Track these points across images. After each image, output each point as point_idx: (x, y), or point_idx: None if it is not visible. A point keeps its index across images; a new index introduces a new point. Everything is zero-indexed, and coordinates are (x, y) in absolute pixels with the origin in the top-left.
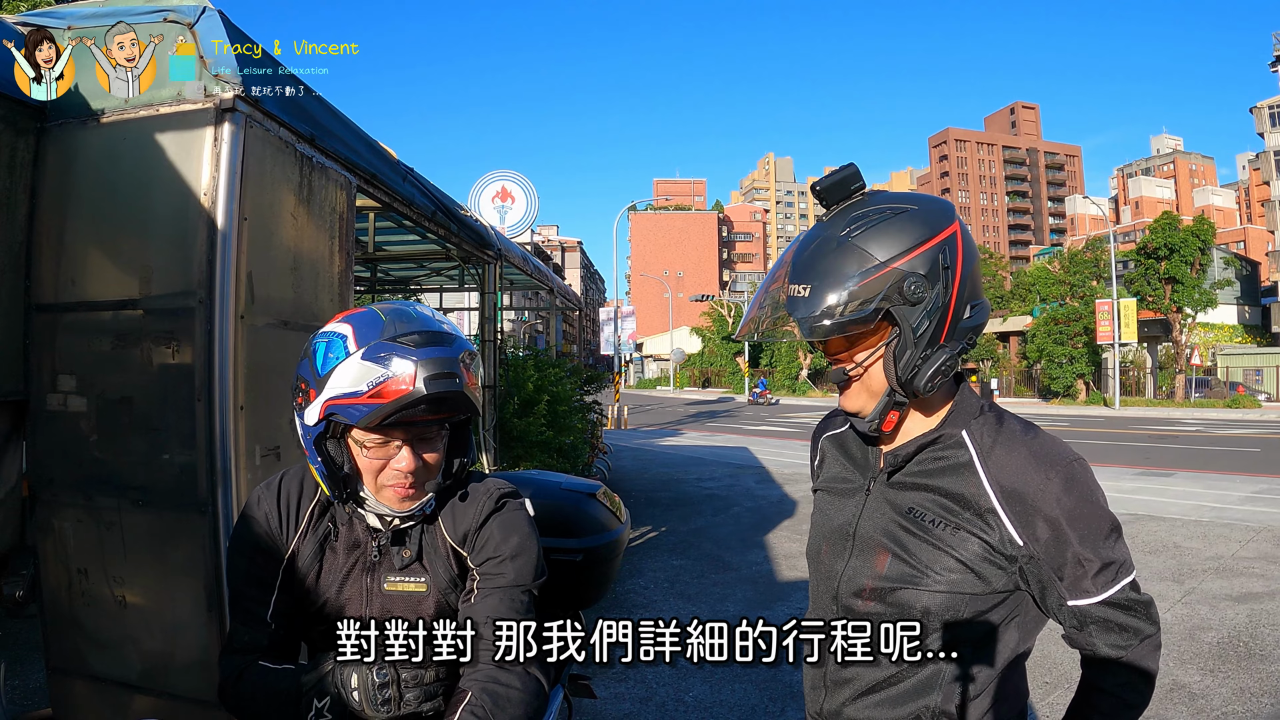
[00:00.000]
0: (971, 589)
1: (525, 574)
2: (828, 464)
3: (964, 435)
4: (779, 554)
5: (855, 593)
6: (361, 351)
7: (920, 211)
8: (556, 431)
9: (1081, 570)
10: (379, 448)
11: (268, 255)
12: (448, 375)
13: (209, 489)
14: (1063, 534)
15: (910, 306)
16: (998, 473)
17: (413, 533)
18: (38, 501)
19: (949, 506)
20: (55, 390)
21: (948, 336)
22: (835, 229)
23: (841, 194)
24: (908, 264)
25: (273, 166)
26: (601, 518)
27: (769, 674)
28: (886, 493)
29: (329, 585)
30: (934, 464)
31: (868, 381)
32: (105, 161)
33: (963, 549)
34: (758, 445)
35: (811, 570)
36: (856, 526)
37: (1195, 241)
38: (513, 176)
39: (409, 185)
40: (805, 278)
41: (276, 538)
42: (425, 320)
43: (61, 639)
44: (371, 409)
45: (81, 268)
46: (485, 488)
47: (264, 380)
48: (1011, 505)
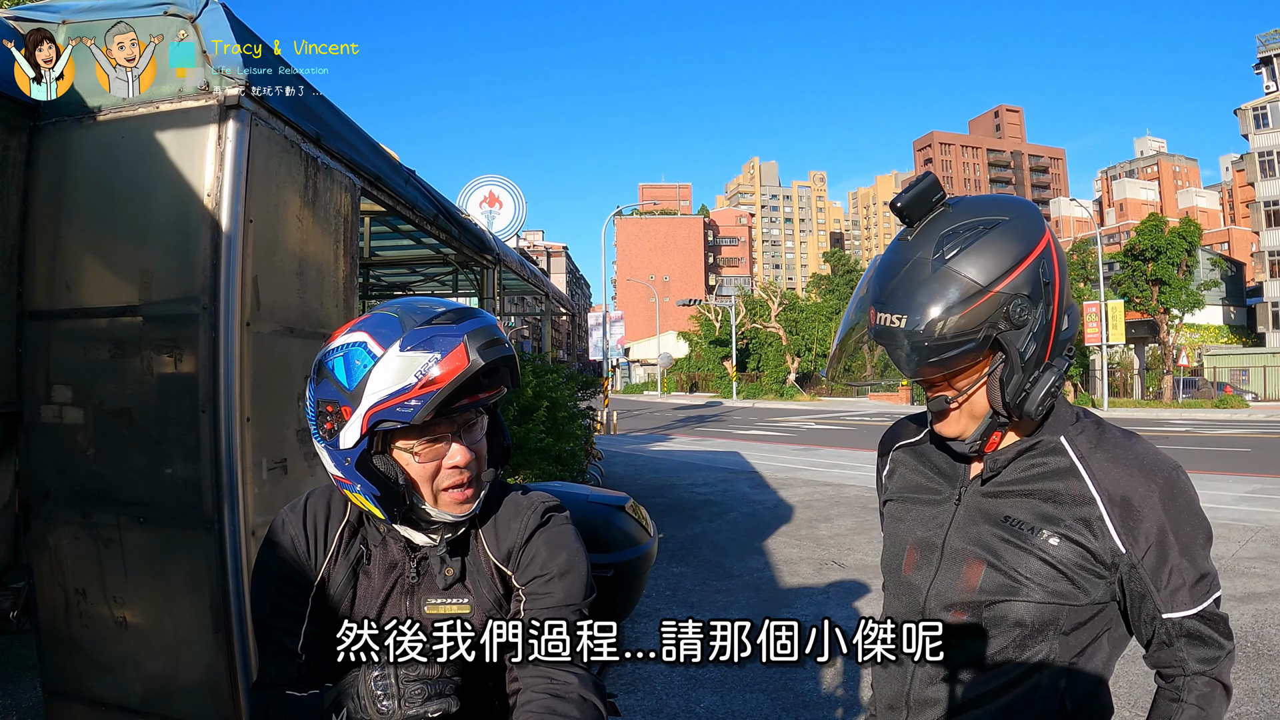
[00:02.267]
0: (1071, 599)
1: (575, 592)
2: (900, 474)
3: (1062, 441)
4: (779, 560)
5: (946, 606)
6: (396, 346)
7: (1014, 222)
8: (556, 438)
9: (1180, 581)
10: (429, 448)
11: (273, 259)
12: (497, 341)
13: (214, 504)
14: (1166, 542)
15: (1016, 330)
16: (1103, 478)
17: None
18: (32, 517)
19: (1050, 513)
20: (50, 401)
21: (1051, 354)
22: (925, 250)
23: (924, 209)
24: (1010, 285)
25: (278, 167)
26: (631, 531)
27: (781, 683)
28: (980, 502)
29: (365, 611)
30: (1033, 470)
31: (969, 407)
32: (102, 161)
33: (1063, 556)
34: (749, 450)
35: (890, 585)
36: (946, 537)
37: (1181, 243)
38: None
39: (412, 188)
40: (898, 306)
41: (304, 564)
42: (440, 301)
43: (58, 661)
44: (428, 398)
45: (77, 272)
46: (529, 501)
47: (270, 390)
48: (1118, 511)
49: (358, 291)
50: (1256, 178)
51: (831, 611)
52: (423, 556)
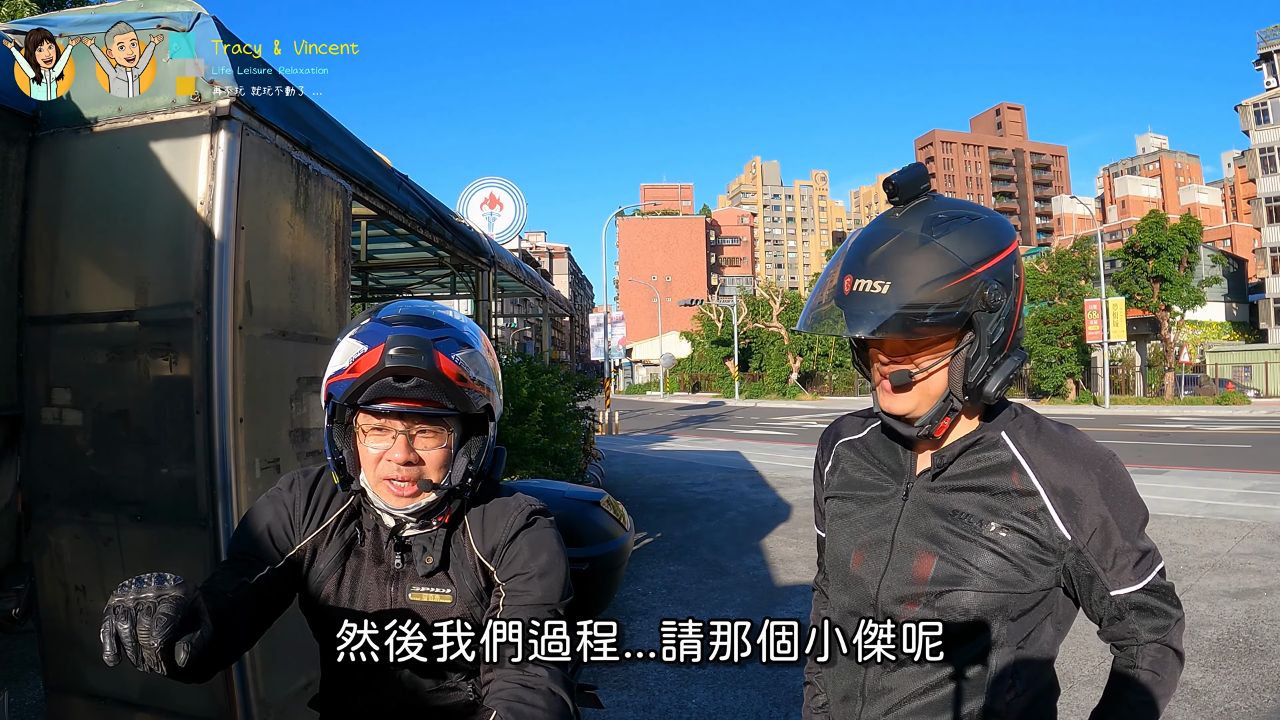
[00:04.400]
0: (1018, 587)
1: (552, 592)
2: (843, 470)
3: (1004, 436)
4: (775, 558)
5: (898, 600)
6: (353, 330)
7: (991, 221)
8: (552, 439)
9: (1125, 561)
10: (376, 435)
11: (265, 265)
12: (412, 351)
13: (209, 503)
14: (1109, 528)
15: (989, 313)
16: (1044, 471)
17: (436, 541)
18: (33, 518)
19: (996, 505)
20: (50, 404)
21: (1011, 344)
22: (912, 226)
23: (913, 192)
24: (988, 271)
25: (269, 174)
26: (606, 526)
27: (772, 679)
28: (928, 497)
29: (349, 592)
30: (978, 464)
31: (928, 385)
32: (99, 170)
33: (1010, 546)
34: (749, 449)
35: (836, 580)
36: (895, 531)
37: (1183, 240)
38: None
39: (403, 193)
40: (880, 273)
41: (292, 528)
42: (424, 308)
43: (59, 657)
44: (349, 383)
45: (75, 279)
46: (516, 502)
47: (263, 392)
48: (1060, 501)
49: (350, 295)
50: (1258, 174)
51: None
52: (406, 545)
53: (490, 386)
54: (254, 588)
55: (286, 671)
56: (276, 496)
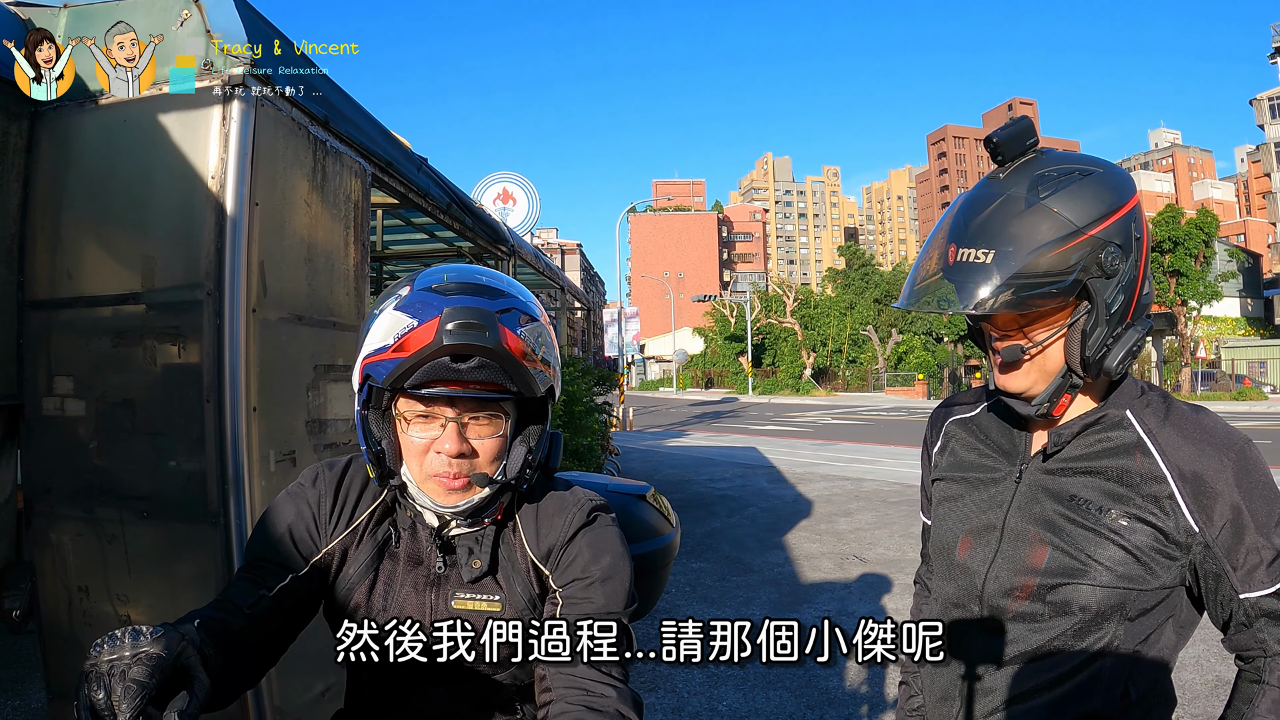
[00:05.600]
0: (1139, 584)
1: (616, 600)
2: (953, 450)
3: (1128, 415)
4: (799, 555)
5: (1006, 591)
6: (393, 302)
7: (1108, 174)
8: (573, 433)
9: (1257, 559)
10: (422, 423)
11: (280, 245)
12: (475, 327)
13: (220, 498)
14: (1241, 520)
15: (1106, 279)
16: (1173, 454)
17: (484, 541)
18: (34, 514)
19: (1118, 492)
20: (51, 393)
21: (1134, 314)
22: (1017, 188)
23: (1017, 149)
24: (1104, 232)
25: (285, 149)
26: (653, 522)
27: (804, 680)
28: (1043, 480)
29: (383, 600)
30: (1098, 445)
31: (1043, 360)
32: (104, 146)
33: (1133, 538)
34: (766, 445)
35: (940, 568)
36: (1006, 517)
37: (1199, 234)
38: (514, 178)
39: (424, 176)
40: (984, 241)
41: (318, 530)
42: (475, 272)
43: (62, 661)
44: (394, 364)
45: (78, 261)
46: (575, 497)
47: (277, 379)
48: (1189, 489)
49: (369, 279)
50: (1273, 168)
51: (855, 606)
52: (450, 546)
53: (555, 365)
54: (275, 599)
55: (303, 677)
56: (299, 493)
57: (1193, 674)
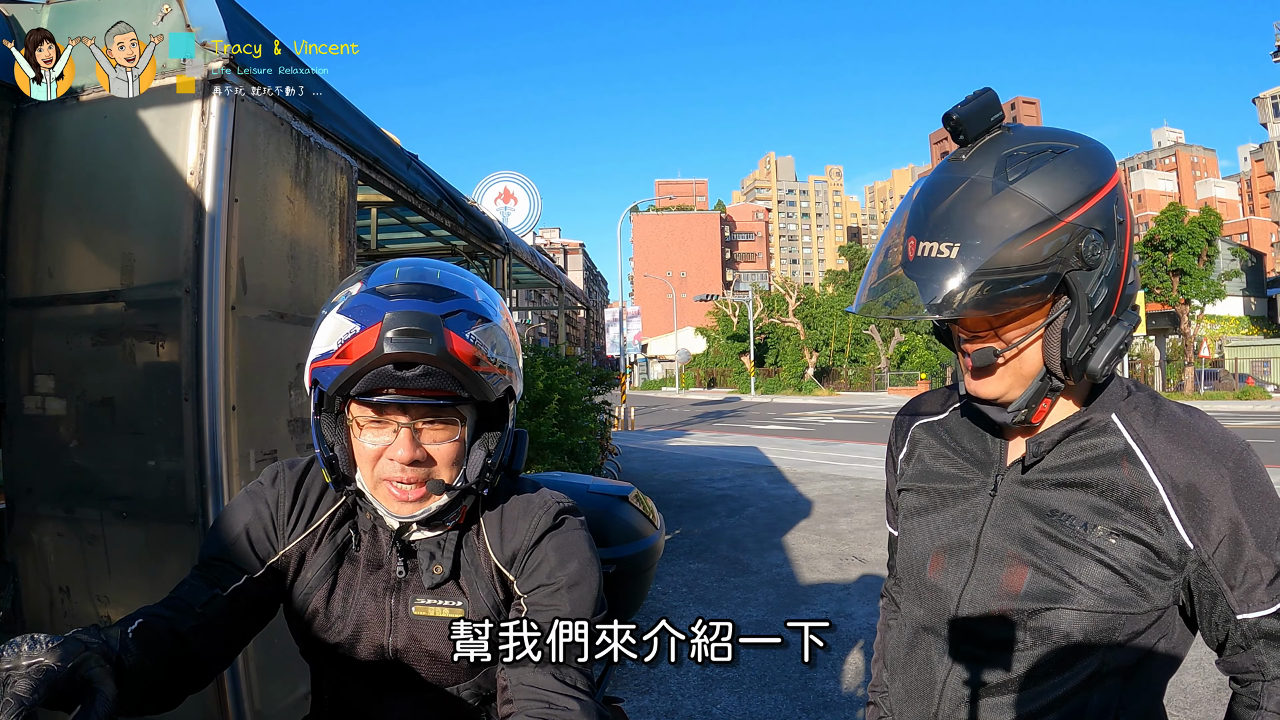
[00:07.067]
0: (1130, 607)
1: (583, 607)
2: (920, 458)
3: (1115, 419)
4: (798, 555)
5: (982, 615)
6: (345, 301)
7: (1085, 151)
8: (568, 432)
9: (1257, 577)
10: (374, 429)
11: (261, 241)
12: (417, 334)
13: (198, 498)
14: (1240, 535)
15: (1087, 271)
16: (1165, 463)
17: (446, 545)
18: (15, 514)
19: (1105, 506)
20: (33, 392)
21: (1119, 307)
22: (983, 170)
23: (981, 126)
24: (1083, 217)
25: (266, 144)
26: (635, 523)
27: (800, 683)
28: (1021, 492)
29: (341, 605)
30: (1083, 454)
31: (1019, 364)
32: (85, 142)
33: (1121, 556)
34: (767, 444)
35: (909, 587)
36: (981, 533)
37: (1202, 233)
38: (515, 178)
39: (413, 173)
40: (947, 233)
41: (275, 531)
42: (426, 272)
43: None
44: (338, 371)
45: (60, 259)
46: (541, 499)
47: (259, 378)
48: (1183, 501)
49: None
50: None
51: (853, 607)
52: (410, 551)
53: (511, 366)
54: (229, 600)
55: (284, 680)
56: (257, 493)
57: (1194, 677)
